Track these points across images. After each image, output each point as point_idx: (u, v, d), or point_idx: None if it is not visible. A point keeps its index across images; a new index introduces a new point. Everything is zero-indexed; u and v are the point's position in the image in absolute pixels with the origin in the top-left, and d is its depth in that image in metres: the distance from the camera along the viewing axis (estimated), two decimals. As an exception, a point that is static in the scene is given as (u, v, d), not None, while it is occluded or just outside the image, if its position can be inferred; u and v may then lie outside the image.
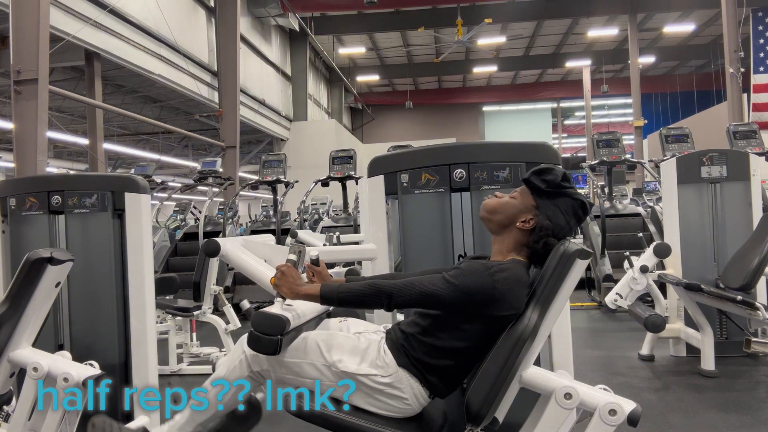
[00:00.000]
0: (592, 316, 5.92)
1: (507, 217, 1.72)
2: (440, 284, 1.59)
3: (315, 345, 1.72)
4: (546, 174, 1.71)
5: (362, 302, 1.67)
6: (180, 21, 11.03)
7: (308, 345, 1.72)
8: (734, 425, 2.84)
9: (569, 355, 2.16)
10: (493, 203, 1.75)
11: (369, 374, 1.65)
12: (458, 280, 1.59)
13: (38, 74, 5.83)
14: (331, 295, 1.66)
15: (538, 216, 1.69)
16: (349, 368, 1.65)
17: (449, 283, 1.58)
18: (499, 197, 1.76)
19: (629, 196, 12.17)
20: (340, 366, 1.66)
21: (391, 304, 1.64)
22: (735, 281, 3.46)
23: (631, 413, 1.50)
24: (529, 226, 1.70)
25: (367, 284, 1.67)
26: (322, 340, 1.73)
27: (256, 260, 2.61)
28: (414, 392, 1.66)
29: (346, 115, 24.99)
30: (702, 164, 4.03)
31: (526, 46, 20.80)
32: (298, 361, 1.70)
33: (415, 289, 1.61)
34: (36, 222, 2.76)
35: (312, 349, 1.71)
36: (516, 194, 1.75)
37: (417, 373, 1.66)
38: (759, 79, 12.66)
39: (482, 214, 1.78)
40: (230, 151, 11.83)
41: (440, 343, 1.65)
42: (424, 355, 1.66)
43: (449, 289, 1.58)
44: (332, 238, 4.32)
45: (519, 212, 1.71)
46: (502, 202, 1.74)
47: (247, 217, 15.20)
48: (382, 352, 1.69)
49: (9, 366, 2.05)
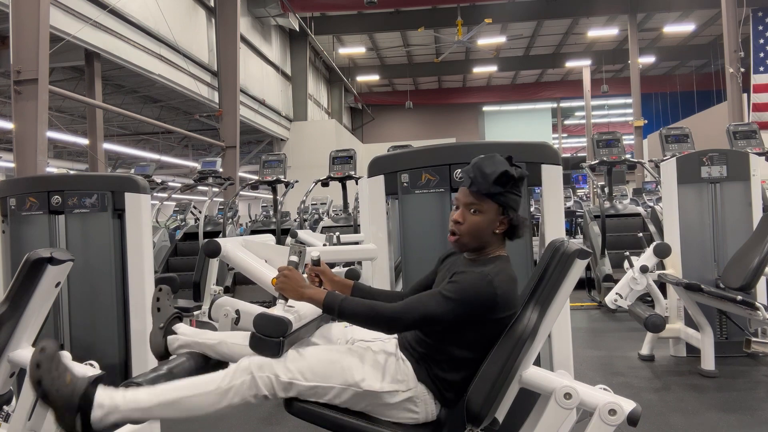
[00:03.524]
0: (592, 316, 5.92)
1: (482, 235, 1.70)
2: (440, 304, 1.58)
3: (335, 367, 1.64)
4: (498, 178, 1.65)
5: (361, 324, 1.68)
6: (180, 21, 11.03)
7: (327, 367, 1.64)
8: (734, 425, 2.84)
9: (569, 355, 2.16)
10: (464, 237, 1.70)
11: (391, 390, 1.64)
12: (458, 294, 1.57)
13: (38, 74, 5.83)
14: (332, 307, 1.65)
15: (506, 214, 1.70)
16: (374, 387, 1.63)
17: (449, 300, 1.57)
18: (461, 221, 1.70)
19: (629, 196, 12.17)
20: (363, 385, 1.63)
21: (392, 330, 1.65)
22: (735, 281, 3.46)
23: (630, 413, 1.50)
24: (505, 227, 1.71)
25: (369, 307, 1.63)
26: (341, 361, 1.66)
27: (256, 260, 2.61)
28: (426, 408, 1.67)
29: (346, 115, 24.99)
30: (702, 164, 4.03)
31: (526, 46, 20.80)
32: (318, 384, 1.62)
33: (417, 313, 1.60)
34: (36, 222, 2.76)
35: (333, 372, 1.64)
36: (477, 211, 1.69)
37: (435, 389, 1.67)
38: (759, 79, 12.65)
39: (457, 248, 1.75)
40: (230, 151, 11.83)
41: (457, 353, 1.66)
42: (442, 371, 1.67)
43: (450, 306, 1.57)
44: (332, 238, 4.32)
45: (491, 223, 1.70)
46: (471, 228, 1.69)
47: (247, 217, 15.18)
48: (402, 365, 1.67)
49: (9, 366, 2.05)
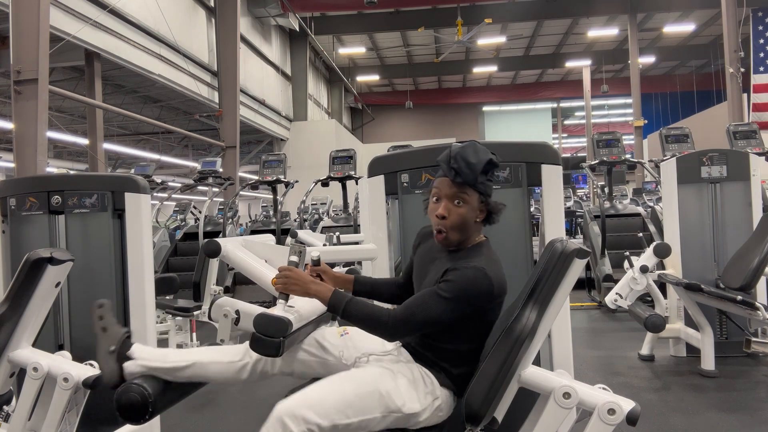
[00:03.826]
0: (592, 316, 5.92)
1: (468, 227, 1.69)
2: (442, 306, 1.57)
3: (373, 397, 1.57)
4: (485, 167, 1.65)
5: (363, 329, 1.66)
6: (180, 21, 11.03)
7: (365, 399, 1.56)
8: (734, 425, 2.84)
9: (569, 354, 2.16)
10: (452, 232, 1.67)
11: (427, 406, 1.63)
12: (457, 294, 1.57)
13: (38, 74, 5.83)
14: (337, 307, 1.64)
15: (485, 201, 1.69)
16: (415, 409, 1.60)
17: (449, 300, 1.57)
18: (446, 215, 1.66)
19: (629, 196, 12.17)
20: (405, 410, 1.59)
21: (395, 338, 1.66)
22: (735, 281, 3.46)
23: (630, 412, 1.50)
24: (484, 214, 1.71)
25: (372, 315, 1.62)
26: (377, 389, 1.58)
27: (256, 260, 2.61)
28: (450, 406, 1.69)
29: (346, 115, 24.99)
30: (702, 164, 4.03)
31: (526, 46, 20.80)
32: (362, 418, 1.55)
33: (420, 318, 1.59)
34: (36, 222, 2.76)
35: (372, 403, 1.56)
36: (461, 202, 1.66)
37: (453, 387, 1.68)
38: (759, 79, 12.65)
39: (445, 245, 1.72)
40: (230, 151, 11.83)
41: (462, 347, 1.67)
42: (455, 368, 1.67)
43: (451, 306, 1.57)
44: (332, 238, 4.32)
45: (474, 213, 1.69)
46: (458, 221, 1.66)
47: (247, 217, 15.19)
48: (426, 375, 1.67)
49: (9, 366, 2.06)
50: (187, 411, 3.30)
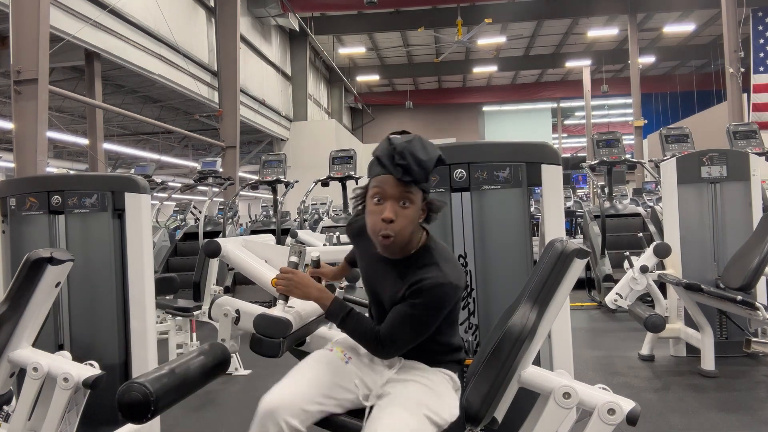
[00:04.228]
0: (592, 316, 5.92)
1: (413, 229, 1.59)
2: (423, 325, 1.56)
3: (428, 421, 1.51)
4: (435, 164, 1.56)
5: (358, 341, 1.65)
6: (180, 21, 11.04)
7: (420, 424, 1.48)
8: (734, 425, 2.84)
9: (569, 354, 2.16)
10: (399, 236, 1.54)
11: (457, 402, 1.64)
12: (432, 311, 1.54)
13: (38, 74, 5.84)
14: (335, 317, 1.63)
15: (425, 200, 1.59)
16: (455, 412, 1.60)
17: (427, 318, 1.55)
18: (393, 218, 1.51)
19: (629, 196, 12.18)
20: (450, 418, 1.57)
21: (386, 357, 1.64)
22: (735, 281, 3.47)
23: (630, 412, 1.50)
24: (425, 213, 1.61)
25: (365, 333, 1.60)
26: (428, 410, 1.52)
27: (256, 260, 2.61)
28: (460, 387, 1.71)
29: (346, 115, 25.00)
30: (702, 164, 4.03)
31: (526, 46, 20.80)
32: None
33: (408, 341, 1.58)
34: (36, 222, 2.76)
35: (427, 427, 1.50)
36: (408, 203, 1.53)
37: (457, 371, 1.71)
38: (759, 79, 12.65)
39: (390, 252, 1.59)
40: (230, 151, 11.84)
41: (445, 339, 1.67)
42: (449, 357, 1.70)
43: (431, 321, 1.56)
44: (332, 238, 4.33)
45: (418, 215, 1.57)
46: (406, 224, 1.53)
47: (247, 217, 15.20)
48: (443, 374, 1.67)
49: (9, 366, 2.06)
50: (187, 411, 3.30)
